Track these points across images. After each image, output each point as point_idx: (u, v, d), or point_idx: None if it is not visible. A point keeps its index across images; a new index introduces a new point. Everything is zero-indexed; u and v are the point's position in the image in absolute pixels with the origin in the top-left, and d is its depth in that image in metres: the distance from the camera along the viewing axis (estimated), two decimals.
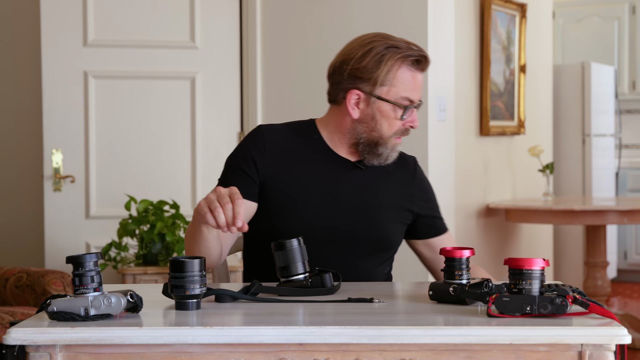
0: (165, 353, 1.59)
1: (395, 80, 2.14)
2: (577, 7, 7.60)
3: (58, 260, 4.14)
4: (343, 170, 2.22)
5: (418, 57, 2.14)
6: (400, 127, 2.18)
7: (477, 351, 1.59)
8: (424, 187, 2.35)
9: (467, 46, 4.76)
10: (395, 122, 2.17)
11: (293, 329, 1.59)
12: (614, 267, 7.02)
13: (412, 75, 2.15)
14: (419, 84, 2.17)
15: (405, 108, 2.15)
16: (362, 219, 2.19)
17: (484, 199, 5.01)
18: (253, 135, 2.23)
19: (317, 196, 2.18)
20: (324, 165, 2.21)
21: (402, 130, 2.19)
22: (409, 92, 2.15)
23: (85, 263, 1.67)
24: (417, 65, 2.15)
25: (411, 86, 2.15)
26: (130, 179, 4.22)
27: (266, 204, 2.18)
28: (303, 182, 2.19)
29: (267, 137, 2.22)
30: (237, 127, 4.35)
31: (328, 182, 2.20)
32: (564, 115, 6.39)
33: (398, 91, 2.15)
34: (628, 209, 4.80)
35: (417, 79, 2.16)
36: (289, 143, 2.23)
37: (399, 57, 2.13)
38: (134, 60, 4.23)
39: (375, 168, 2.24)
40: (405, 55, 2.14)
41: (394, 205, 2.24)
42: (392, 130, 2.18)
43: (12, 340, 1.57)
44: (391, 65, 2.13)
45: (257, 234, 2.21)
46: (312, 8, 4.21)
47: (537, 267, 1.67)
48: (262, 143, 2.21)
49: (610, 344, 1.57)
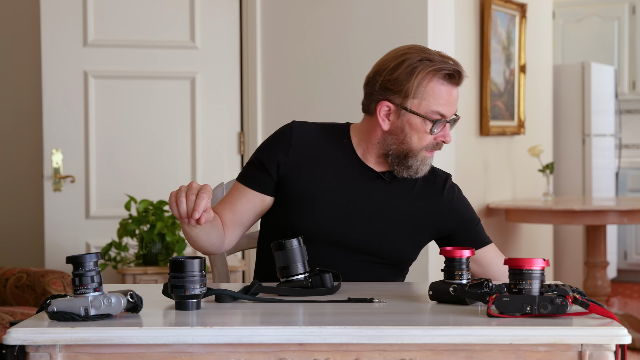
0: (165, 353, 1.59)
1: (426, 94, 2.11)
2: (577, 7, 7.60)
3: (58, 260, 4.14)
4: (366, 179, 2.20)
5: (452, 71, 2.11)
6: (431, 141, 2.15)
7: (477, 351, 1.59)
8: (454, 205, 2.29)
9: (467, 46, 4.76)
10: (425, 135, 2.14)
11: (293, 329, 1.59)
12: (614, 267, 7.02)
13: (444, 90, 2.12)
14: (453, 99, 2.14)
15: (434, 122, 2.12)
16: (374, 230, 2.17)
17: (484, 199, 5.01)
18: (283, 129, 2.25)
19: (334, 200, 2.17)
20: (347, 172, 2.20)
21: (434, 144, 2.16)
22: (440, 106, 2.12)
23: (85, 263, 1.67)
24: (449, 79, 2.12)
25: (443, 100, 2.12)
26: (130, 179, 4.23)
27: (283, 198, 2.19)
28: (323, 183, 2.18)
29: (295, 133, 2.23)
30: (237, 127, 4.35)
31: (347, 189, 2.19)
32: (564, 115, 6.39)
33: (429, 105, 2.12)
34: (628, 209, 4.80)
35: (451, 94, 2.13)
36: (318, 143, 2.23)
37: (430, 70, 2.11)
38: (134, 60, 4.23)
39: (399, 182, 2.22)
40: (437, 68, 2.11)
41: (413, 221, 2.21)
42: (422, 144, 2.15)
43: (12, 340, 1.57)
44: (422, 78, 2.11)
45: (272, 227, 2.23)
46: (312, 8, 4.21)
47: (537, 267, 1.67)
48: (289, 138, 2.22)
49: (610, 344, 1.57)
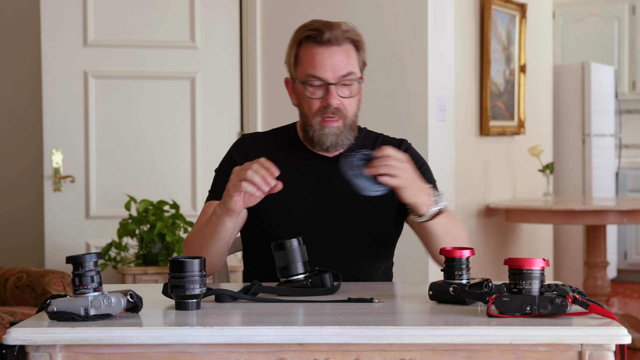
0: (165, 353, 1.59)
1: (300, 59, 2.15)
2: (577, 7, 7.60)
3: (58, 260, 4.14)
4: (323, 168, 2.21)
5: (312, 31, 2.12)
6: (320, 106, 2.14)
7: (477, 351, 1.59)
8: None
9: (467, 46, 4.76)
10: (311, 101, 2.14)
11: (293, 329, 1.59)
12: (614, 267, 7.02)
13: (315, 52, 2.12)
14: (327, 61, 2.11)
15: (304, 84, 2.13)
16: (347, 215, 2.17)
17: (484, 199, 5.01)
18: (236, 144, 2.28)
19: (299, 200, 2.18)
20: (303, 168, 2.21)
21: (321, 108, 2.14)
22: (312, 68, 2.12)
23: (85, 263, 1.67)
24: (317, 41, 2.12)
25: (313, 62, 2.12)
26: (130, 179, 4.22)
27: (254, 208, 2.18)
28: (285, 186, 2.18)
29: (249, 145, 2.26)
30: (237, 127, 4.35)
31: (308, 184, 2.20)
32: (564, 115, 6.39)
33: (304, 69, 2.14)
34: (628, 209, 4.80)
35: (322, 55, 2.12)
36: (270, 149, 2.24)
37: (298, 35, 2.15)
38: (134, 60, 4.23)
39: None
40: (302, 32, 2.15)
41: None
42: (312, 111, 2.15)
43: (12, 340, 1.57)
44: (292, 45, 2.17)
45: (251, 241, 2.24)
46: (312, 8, 4.21)
47: (537, 267, 1.67)
48: (244, 150, 2.25)
49: (610, 344, 1.57)
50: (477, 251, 4.66)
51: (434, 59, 4.05)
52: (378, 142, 2.28)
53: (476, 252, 4.61)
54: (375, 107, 4.06)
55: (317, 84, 2.13)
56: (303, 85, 2.14)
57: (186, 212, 4.09)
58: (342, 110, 2.14)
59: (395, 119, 4.04)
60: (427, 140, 4.00)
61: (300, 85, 2.15)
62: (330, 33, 2.11)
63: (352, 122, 2.18)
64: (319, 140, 2.16)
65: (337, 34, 2.12)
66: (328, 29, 2.12)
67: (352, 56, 2.15)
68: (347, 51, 2.14)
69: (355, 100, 2.17)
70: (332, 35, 2.11)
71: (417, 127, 4.01)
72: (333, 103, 2.12)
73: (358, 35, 2.17)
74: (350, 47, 2.15)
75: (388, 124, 4.01)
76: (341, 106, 2.14)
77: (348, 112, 2.16)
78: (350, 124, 2.17)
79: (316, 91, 2.13)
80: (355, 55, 2.16)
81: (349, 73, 2.13)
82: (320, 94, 2.13)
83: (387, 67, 4.05)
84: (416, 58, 4.02)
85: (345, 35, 2.13)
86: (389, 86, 4.06)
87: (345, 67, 2.13)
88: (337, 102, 2.13)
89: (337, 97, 2.13)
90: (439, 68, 4.09)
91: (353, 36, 2.15)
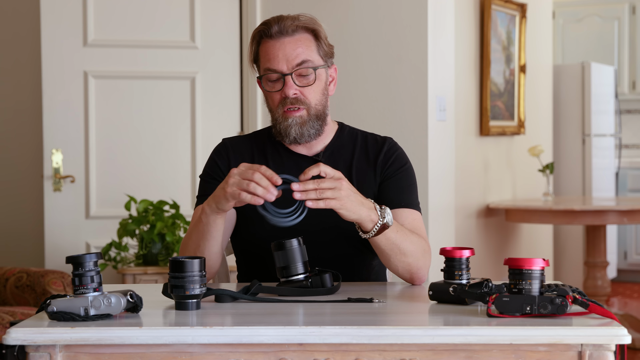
0: (165, 353, 1.59)
1: (259, 56, 2.18)
2: (577, 7, 7.60)
3: (58, 260, 4.14)
4: (303, 166, 2.15)
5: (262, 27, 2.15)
6: (279, 98, 2.15)
7: (477, 351, 1.59)
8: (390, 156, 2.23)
9: (467, 46, 4.76)
10: (272, 94, 2.16)
11: (293, 329, 1.59)
12: (614, 267, 7.02)
13: (268, 45, 2.14)
14: (277, 52, 2.13)
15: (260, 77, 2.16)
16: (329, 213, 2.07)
17: (484, 199, 5.01)
18: (217, 148, 2.29)
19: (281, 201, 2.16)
20: (283, 169, 2.19)
21: (281, 100, 2.14)
22: (268, 62, 2.14)
23: (85, 263, 1.67)
24: (267, 35, 2.14)
25: (267, 56, 2.14)
26: (130, 179, 4.22)
27: (239, 214, 2.19)
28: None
29: (229, 148, 2.26)
30: (237, 127, 4.35)
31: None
32: (564, 115, 6.39)
33: (262, 65, 2.17)
34: (628, 209, 4.80)
35: (275, 47, 2.13)
36: (251, 151, 2.25)
37: (252, 35, 2.19)
38: (134, 60, 4.23)
39: (336, 157, 2.22)
40: (255, 31, 2.18)
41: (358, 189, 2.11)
42: (274, 104, 2.16)
43: (12, 340, 1.57)
44: (250, 45, 2.19)
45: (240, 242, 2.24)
46: (311, 8, 4.21)
47: (537, 267, 1.67)
48: (225, 153, 2.25)
49: (610, 344, 1.57)
50: (477, 251, 4.66)
51: (434, 59, 4.05)
52: (359, 139, 2.26)
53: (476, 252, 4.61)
54: (375, 107, 4.07)
55: (274, 77, 2.14)
56: (263, 80, 2.16)
57: (186, 212, 4.09)
58: (303, 100, 2.14)
59: (395, 119, 4.04)
60: (427, 140, 4.00)
61: (262, 80, 2.17)
62: (279, 25, 2.14)
63: (317, 111, 2.17)
64: (285, 131, 2.16)
65: (287, 24, 2.14)
66: (276, 22, 2.15)
67: (307, 45, 2.15)
68: (300, 40, 2.15)
69: (317, 89, 2.16)
70: (280, 27, 2.13)
71: (417, 127, 4.01)
72: (289, 93, 2.13)
73: (314, 24, 2.18)
74: (306, 35, 2.16)
75: (388, 124, 4.01)
76: (301, 95, 2.14)
77: (310, 101, 2.15)
78: (315, 113, 2.16)
79: (275, 85, 2.15)
80: (313, 44, 2.16)
81: (304, 61, 2.14)
82: (279, 87, 2.14)
83: (387, 67, 4.05)
84: (416, 58, 4.02)
85: (296, 24, 2.14)
86: (389, 86, 4.06)
87: (299, 56, 2.13)
88: (293, 91, 2.13)
89: (294, 86, 2.13)
90: (439, 68, 4.09)
91: (307, 24, 2.16)
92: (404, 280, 2.12)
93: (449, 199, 4.21)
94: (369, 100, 4.03)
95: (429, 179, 3.99)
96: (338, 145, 2.23)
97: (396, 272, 2.10)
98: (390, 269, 2.11)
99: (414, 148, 3.87)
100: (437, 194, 4.09)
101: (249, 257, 2.24)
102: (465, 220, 4.74)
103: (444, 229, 4.15)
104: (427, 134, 4.01)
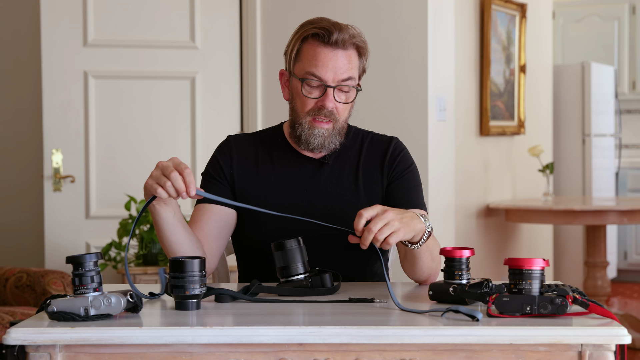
0: (165, 353, 1.59)
1: (302, 55, 2.11)
2: (577, 7, 7.60)
3: (58, 260, 4.14)
4: (310, 170, 2.19)
5: (321, 30, 2.08)
6: (314, 107, 2.11)
7: (477, 351, 1.59)
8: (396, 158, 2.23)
9: (467, 46, 4.76)
10: (305, 100, 2.11)
11: (293, 329, 1.59)
12: (614, 267, 7.02)
13: (319, 51, 2.09)
14: (330, 62, 2.08)
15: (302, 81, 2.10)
16: (334, 214, 2.12)
17: (484, 199, 5.01)
18: (221, 146, 2.26)
19: (286, 202, 2.15)
20: (290, 170, 2.19)
21: (316, 109, 2.11)
22: (314, 67, 2.08)
23: (85, 263, 1.67)
24: (325, 41, 2.08)
25: (316, 61, 2.08)
26: (130, 179, 4.22)
27: (242, 213, 2.18)
28: (271, 188, 2.17)
29: (233, 147, 2.23)
30: (237, 127, 4.35)
31: (295, 186, 2.18)
32: (564, 115, 6.39)
33: (304, 66, 2.10)
34: (628, 209, 4.80)
35: (327, 56, 2.08)
36: (255, 150, 2.23)
37: (304, 31, 2.11)
38: (134, 60, 4.23)
39: (342, 160, 2.20)
40: (309, 29, 2.10)
41: (366, 194, 2.17)
42: (304, 109, 2.12)
43: (12, 340, 1.57)
44: (297, 39, 2.12)
45: (242, 242, 2.22)
46: (311, 8, 4.21)
47: (537, 267, 1.67)
48: (229, 152, 2.22)
49: (610, 344, 1.57)
50: (477, 251, 4.66)
51: (434, 59, 4.05)
52: (365, 141, 2.25)
53: (476, 252, 4.62)
54: (376, 107, 4.06)
55: (315, 83, 2.10)
56: (301, 82, 2.11)
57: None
58: (335, 115, 2.12)
59: (395, 119, 4.04)
60: (427, 140, 4.00)
61: (297, 82, 2.12)
62: (339, 35, 2.08)
63: (341, 127, 2.15)
64: (306, 139, 2.13)
65: (345, 37, 2.09)
66: (337, 30, 2.09)
67: (354, 62, 2.12)
68: (351, 56, 2.11)
69: (348, 107, 2.15)
70: (339, 38, 2.08)
71: (417, 127, 4.01)
72: (328, 106, 2.10)
73: (364, 42, 2.14)
74: (354, 52, 2.12)
75: (388, 124, 4.01)
76: (335, 110, 2.11)
77: (340, 117, 2.13)
78: (339, 128, 2.14)
79: (313, 91, 2.11)
80: (357, 62, 2.13)
81: (349, 78, 2.11)
82: (316, 94, 2.11)
83: (387, 67, 4.05)
84: (416, 58, 4.02)
85: (352, 40, 2.10)
86: (389, 86, 4.06)
87: (346, 72, 2.10)
88: (332, 105, 2.10)
89: (334, 100, 2.10)
90: (439, 68, 4.09)
91: (359, 42, 2.12)
92: (417, 282, 2.12)
93: (449, 199, 4.21)
94: (369, 100, 4.03)
95: (429, 179, 3.99)
96: (344, 147, 2.22)
97: (417, 277, 2.09)
98: (413, 275, 2.09)
99: (414, 148, 3.86)
100: (437, 194, 4.09)
101: (249, 257, 2.24)
102: (465, 220, 4.74)
103: (444, 229, 4.15)
104: (427, 134, 4.01)
